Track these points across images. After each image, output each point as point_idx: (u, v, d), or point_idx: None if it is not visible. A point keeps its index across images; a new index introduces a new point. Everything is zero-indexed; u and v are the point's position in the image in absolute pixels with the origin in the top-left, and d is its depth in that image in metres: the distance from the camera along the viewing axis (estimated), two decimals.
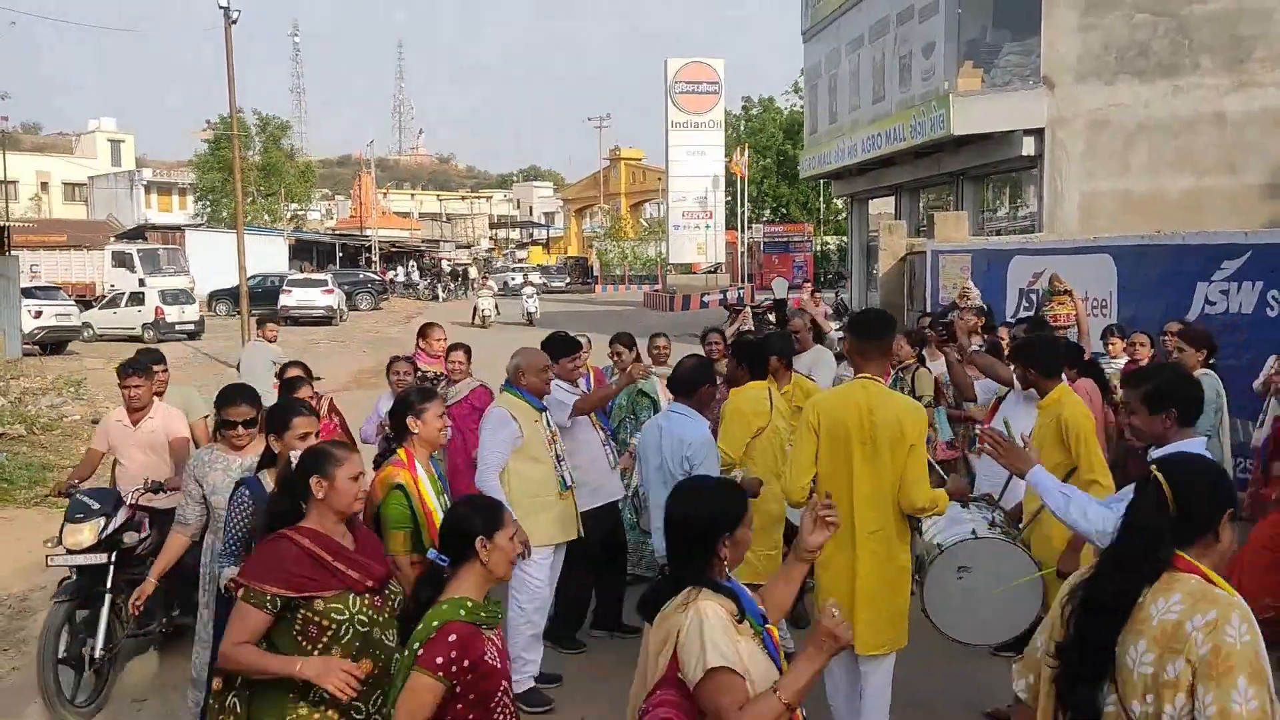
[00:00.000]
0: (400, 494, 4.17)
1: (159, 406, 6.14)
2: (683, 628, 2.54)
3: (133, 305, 26.28)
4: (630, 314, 36.16)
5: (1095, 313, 10.84)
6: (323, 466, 3.25)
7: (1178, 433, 3.47)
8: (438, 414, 4.48)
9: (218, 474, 4.54)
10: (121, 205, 54.52)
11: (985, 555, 4.37)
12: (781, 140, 55.66)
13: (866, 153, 24.06)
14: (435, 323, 8.81)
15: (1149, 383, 3.56)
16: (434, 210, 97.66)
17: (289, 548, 3.18)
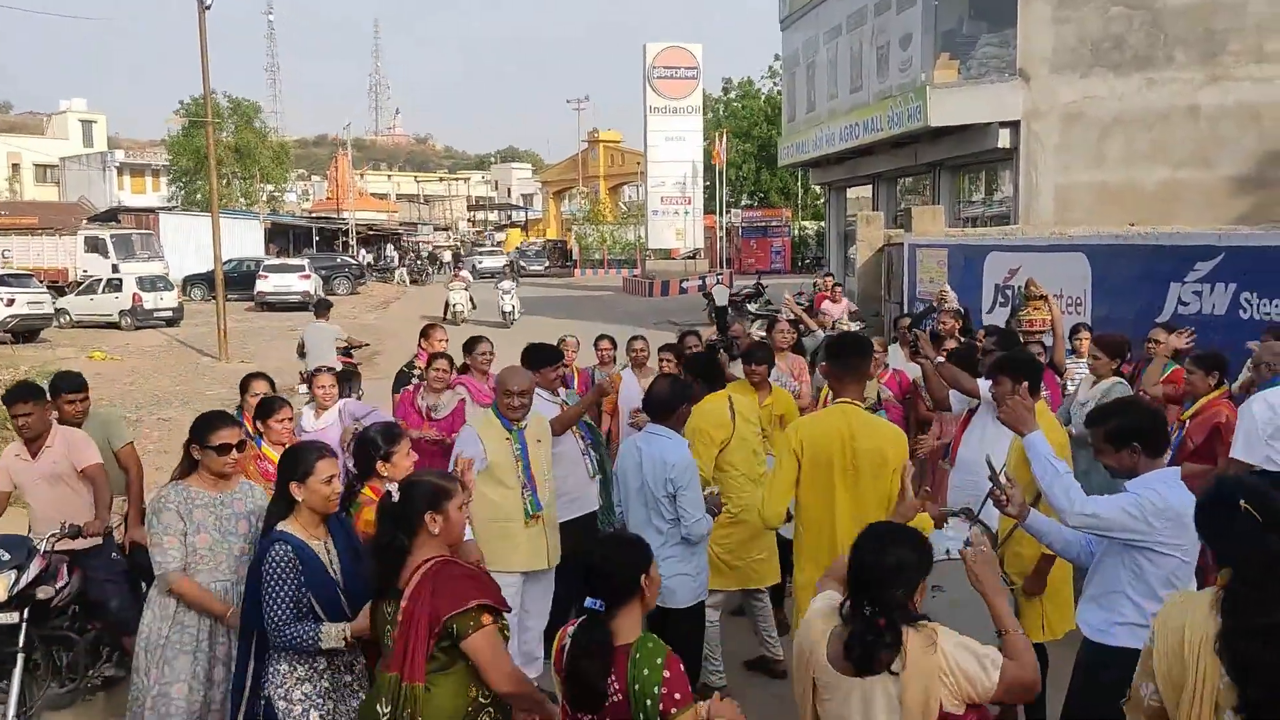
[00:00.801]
0: None
1: (59, 433, 5.47)
2: (944, 666, 2.70)
3: (110, 291, 25.93)
4: (610, 299, 36.12)
5: (1069, 311, 10.95)
6: (438, 501, 3.23)
7: (1147, 464, 3.56)
8: (405, 453, 4.39)
9: (202, 511, 4.15)
10: (94, 187, 53.83)
11: (959, 576, 4.42)
12: (763, 125, 55.63)
13: (844, 142, 24.11)
14: (438, 323, 8.77)
15: (1110, 421, 3.63)
16: (412, 192, 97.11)
17: (461, 568, 3.20)
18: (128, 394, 16.32)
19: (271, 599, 3.55)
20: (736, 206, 54.27)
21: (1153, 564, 3.48)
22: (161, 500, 4.16)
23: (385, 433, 4.47)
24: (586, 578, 2.95)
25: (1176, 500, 3.47)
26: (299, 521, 3.71)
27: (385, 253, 57.12)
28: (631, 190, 73.69)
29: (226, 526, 4.18)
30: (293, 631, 3.54)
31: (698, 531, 4.59)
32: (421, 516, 3.17)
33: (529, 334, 22.80)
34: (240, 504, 4.25)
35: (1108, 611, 3.57)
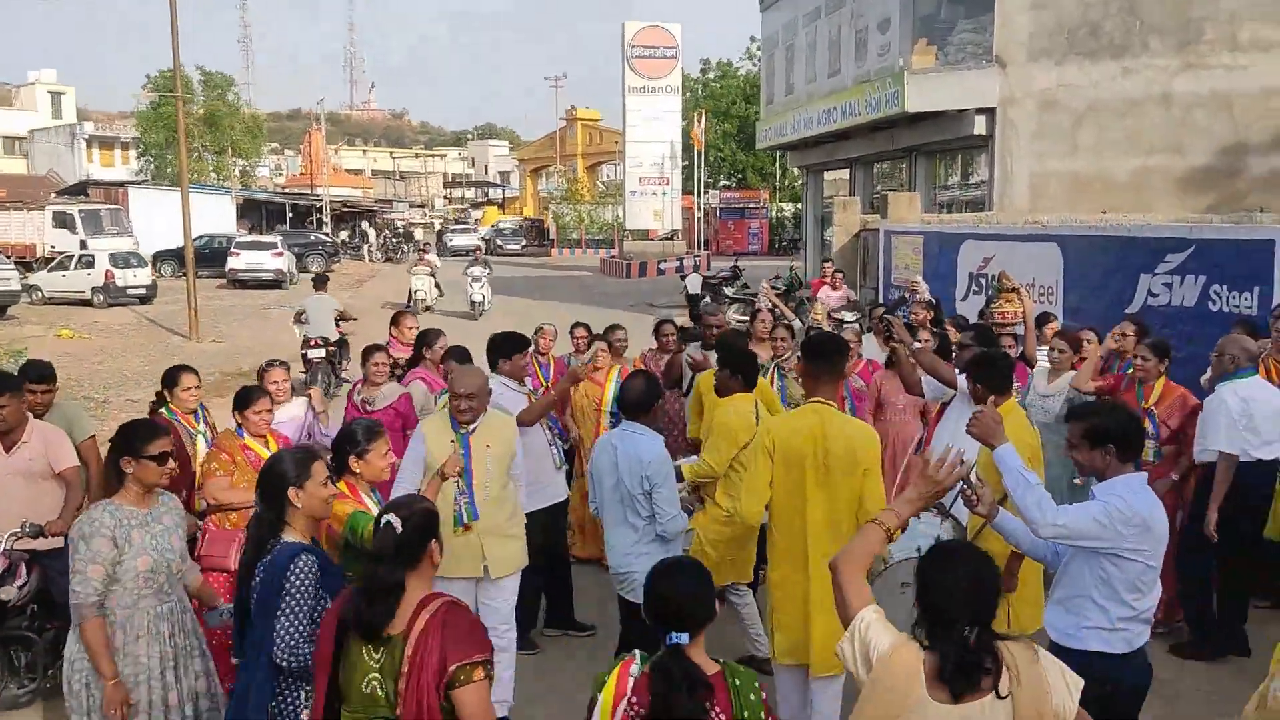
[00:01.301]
0: (365, 518, 4.07)
1: (35, 428, 5.24)
2: (1046, 674, 2.66)
3: (82, 268, 25.54)
4: (587, 280, 36.04)
5: (1041, 300, 11.02)
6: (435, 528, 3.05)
7: (1118, 468, 3.59)
8: (382, 453, 4.38)
9: (139, 531, 3.85)
10: (63, 160, 53.09)
11: None
12: (741, 105, 55.53)
13: (822, 126, 24.08)
14: (408, 310, 8.76)
15: (1090, 420, 3.66)
16: (387, 168, 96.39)
17: (466, 613, 2.99)
18: (96, 374, 16.15)
19: (293, 616, 3.29)
20: (714, 187, 54.23)
21: (1119, 569, 3.52)
22: (93, 524, 3.79)
23: (366, 429, 4.46)
24: (658, 613, 2.83)
25: (1142, 506, 3.51)
26: (297, 530, 3.51)
27: (360, 230, 56.66)
28: (610, 169, 73.42)
29: (161, 544, 3.91)
30: (306, 651, 3.27)
31: (673, 529, 4.60)
32: (426, 546, 2.97)
33: (503, 317, 22.58)
34: (168, 518, 4.01)
35: (1075, 616, 3.61)
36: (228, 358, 18.40)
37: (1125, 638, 3.59)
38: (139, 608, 3.83)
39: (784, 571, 4.33)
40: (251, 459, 5.25)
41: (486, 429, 5.02)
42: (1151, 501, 3.55)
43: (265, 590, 3.35)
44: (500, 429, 5.12)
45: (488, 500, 4.95)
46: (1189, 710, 5.34)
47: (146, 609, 3.85)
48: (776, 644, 4.39)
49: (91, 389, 14.73)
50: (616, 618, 5.13)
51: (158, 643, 3.85)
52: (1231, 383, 5.85)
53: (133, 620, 3.82)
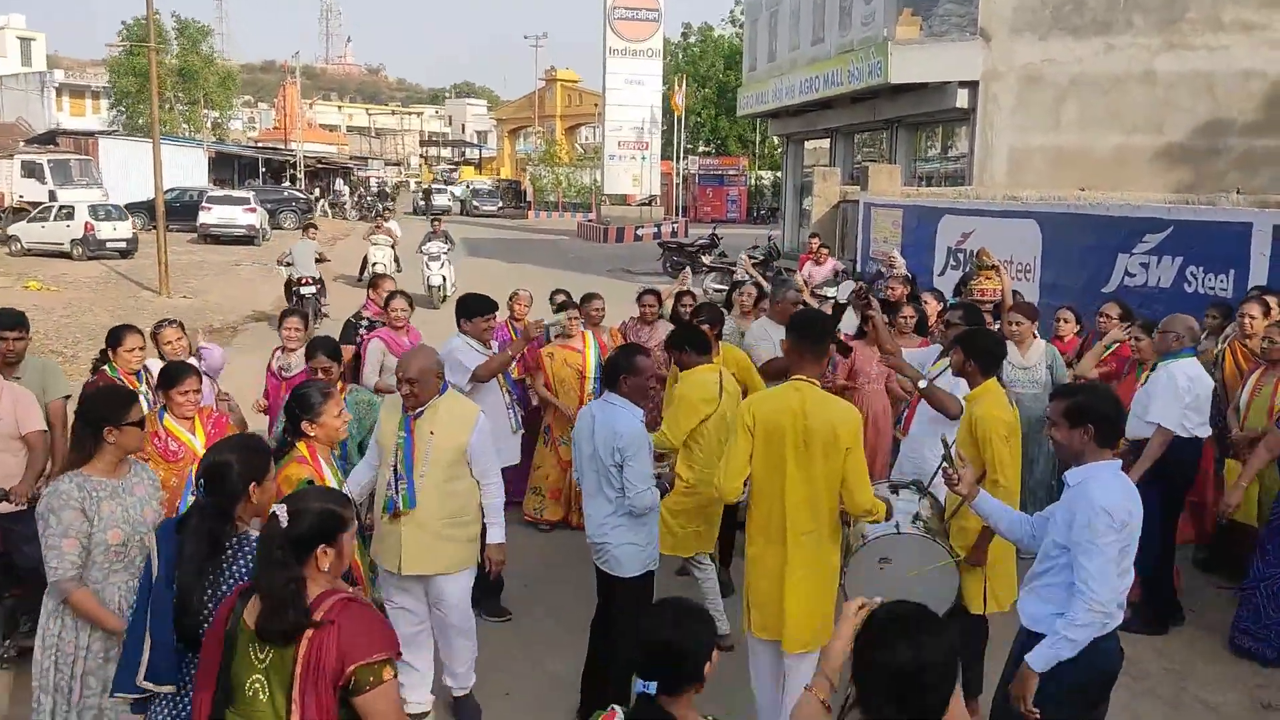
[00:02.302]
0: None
1: (5, 390, 4.97)
2: None
3: (62, 219, 24.95)
4: (564, 244, 35.83)
5: (1018, 278, 11.04)
6: (332, 533, 2.78)
7: (1095, 452, 3.56)
8: (335, 413, 4.27)
9: (109, 503, 3.69)
10: (32, 108, 51.98)
11: (907, 549, 4.51)
12: (722, 70, 55.16)
13: (804, 95, 23.97)
14: (387, 274, 8.64)
15: (1071, 398, 3.64)
16: (363, 124, 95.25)
17: (366, 607, 2.77)
18: (64, 327, 15.90)
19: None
20: (694, 154, 53.96)
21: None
22: (61, 497, 3.62)
23: (318, 390, 4.35)
24: (643, 653, 2.53)
25: (1124, 502, 3.49)
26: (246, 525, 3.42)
27: (334, 187, 56.01)
28: (588, 131, 72.87)
29: (134, 516, 3.75)
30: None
31: (640, 504, 4.55)
32: (313, 549, 2.71)
33: (478, 280, 22.46)
34: (141, 488, 3.84)
35: (1046, 603, 3.59)
36: (198, 314, 18.16)
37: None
38: (110, 582, 3.69)
39: (760, 547, 4.32)
40: (165, 449, 4.70)
41: (435, 416, 4.60)
42: (1128, 492, 3.54)
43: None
44: (454, 418, 4.67)
45: (423, 490, 4.57)
46: (1155, 686, 5.41)
47: (118, 584, 3.70)
48: (752, 619, 4.38)
49: (60, 343, 14.50)
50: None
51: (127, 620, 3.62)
52: (1177, 361, 5.91)
53: (103, 596, 3.67)
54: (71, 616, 3.67)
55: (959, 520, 4.66)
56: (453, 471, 4.63)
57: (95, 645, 3.69)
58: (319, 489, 2.99)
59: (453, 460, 4.62)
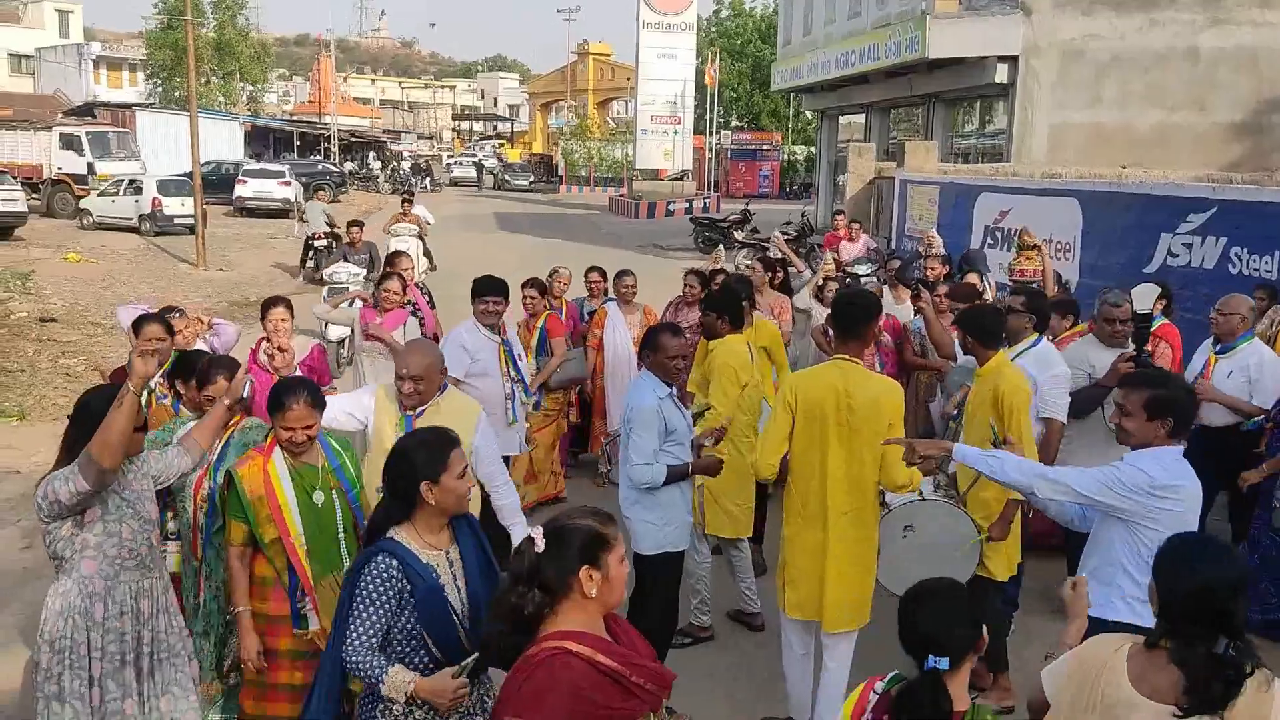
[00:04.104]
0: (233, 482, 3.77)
1: None
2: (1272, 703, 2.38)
3: (131, 194, 25.07)
4: (595, 219, 35.79)
5: (1058, 258, 10.92)
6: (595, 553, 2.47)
7: (1164, 443, 3.49)
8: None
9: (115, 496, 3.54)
10: (69, 79, 52.42)
11: (930, 517, 4.54)
12: (757, 44, 54.69)
13: (840, 69, 23.73)
14: (403, 252, 8.59)
15: (1154, 389, 3.51)
16: (396, 98, 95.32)
17: (583, 671, 2.32)
18: (103, 299, 16.11)
19: (357, 618, 2.93)
20: (726, 128, 53.60)
21: (1148, 539, 3.41)
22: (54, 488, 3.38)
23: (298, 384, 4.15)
24: (911, 639, 2.57)
25: (1166, 475, 3.43)
26: (417, 528, 3.03)
27: (367, 161, 56.17)
28: (620, 106, 72.53)
29: (139, 511, 3.59)
30: (362, 661, 2.92)
31: (637, 477, 4.48)
32: (575, 572, 2.41)
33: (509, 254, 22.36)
34: (136, 483, 3.63)
35: (1106, 586, 3.53)
36: (234, 286, 18.37)
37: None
38: (120, 580, 3.51)
39: (797, 527, 4.32)
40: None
41: (438, 415, 4.20)
42: (1181, 471, 3.46)
43: (346, 583, 3.05)
44: (457, 418, 4.21)
45: None
46: None
47: (128, 583, 3.53)
48: (787, 598, 4.39)
49: (99, 314, 14.70)
50: None
51: (138, 621, 3.55)
52: (1251, 343, 5.87)
53: (113, 594, 3.50)
54: (82, 616, 3.45)
55: (977, 491, 4.69)
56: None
57: (111, 647, 3.50)
58: (582, 508, 2.61)
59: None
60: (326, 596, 3.71)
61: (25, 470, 8.14)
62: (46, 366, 11.69)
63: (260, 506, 3.72)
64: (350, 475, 3.95)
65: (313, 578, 3.76)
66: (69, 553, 3.45)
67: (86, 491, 3.31)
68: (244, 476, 3.75)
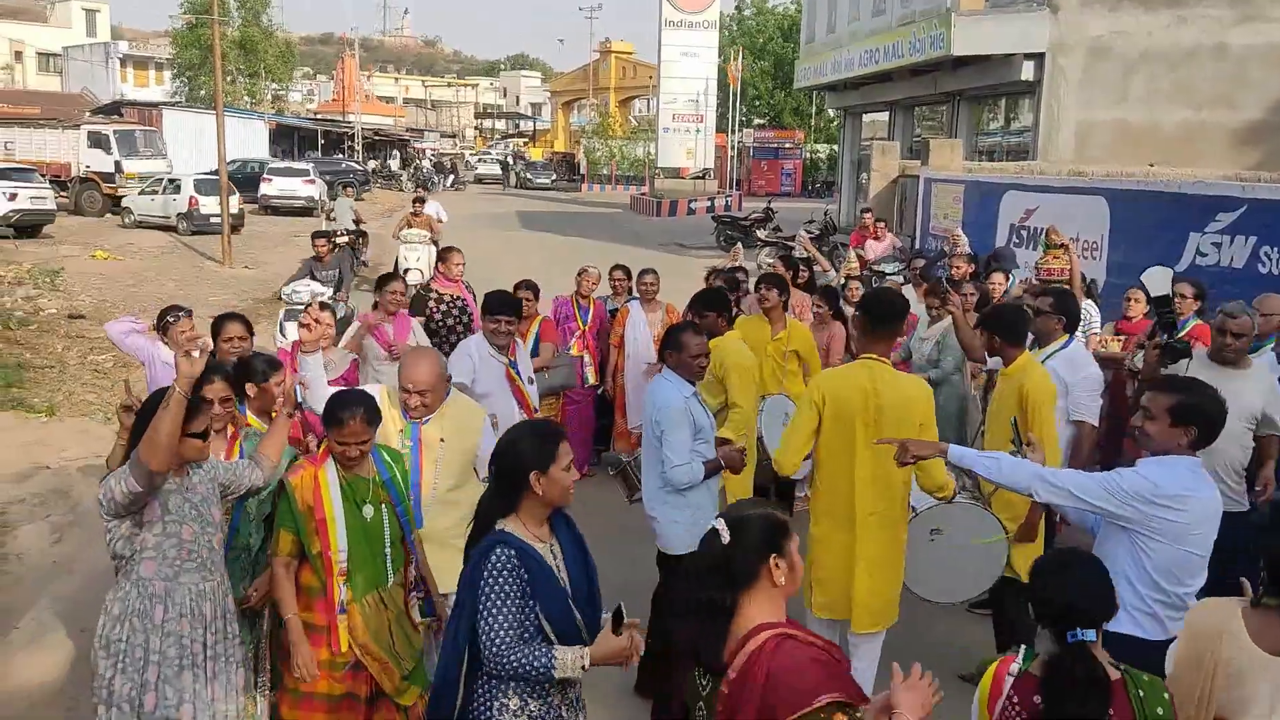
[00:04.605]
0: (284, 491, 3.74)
1: None
2: None
3: (170, 193, 25.21)
4: (617, 218, 35.82)
5: (1085, 257, 10.83)
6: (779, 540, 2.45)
7: (1183, 450, 3.37)
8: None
9: (176, 498, 3.49)
10: (96, 78, 52.89)
11: (958, 518, 4.52)
12: (780, 43, 54.54)
13: (863, 67, 23.62)
14: (455, 247, 8.44)
15: (1180, 395, 3.39)
16: (419, 96, 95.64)
17: (806, 646, 2.34)
18: (131, 296, 16.25)
19: (493, 617, 2.84)
20: (748, 126, 53.48)
21: (1150, 550, 3.33)
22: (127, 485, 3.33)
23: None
24: (1052, 611, 2.55)
25: (1176, 486, 3.30)
26: (522, 519, 3.00)
27: (390, 159, 56.41)
28: (642, 104, 72.55)
29: (203, 514, 3.54)
30: (520, 657, 2.83)
31: (676, 479, 4.47)
32: (764, 562, 2.39)
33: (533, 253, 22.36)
34: (202, 486, 3.58)
35: None
36: (260, 284, 18.47)
37: (1159, 622, 3.37)
38: (179, 582, 3.45)
39: (825, 528, 4.30)
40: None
41: (444, 421, 4.22)
42: (1193, 483, 3.32)
43: (462, 584, 2.98)
44: (463, 422, 4.32)
45: (434, 502, 4.21)
46: None
47: (188, 584, 3.47)
48: (814, 599, 4.38)
49: (126, 311, 14.81)
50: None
51: (200, 624, 3.49)
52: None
53: (173, 596, 3.44)
54: (140, 619, 3.41)
55: (1003, 493, 4.66)
56: (461, 479, 4.29)
57: (170, 651, 3.43)
58: (752, 500, 2.66)
59: (463, 467, 4.32)
60: (368, 613, 3.71)
61: (55, 466, 8.23)
62: (75, 363, 11.80)
63: (309, 518, 3.69)
64: (400, 489, 3.89)
65: (355, 593, 3.72)
66: (128, 552, 3.41)
67: (138, 492, 3.28)
68: (296, 486, 3.71)
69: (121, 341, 5.80)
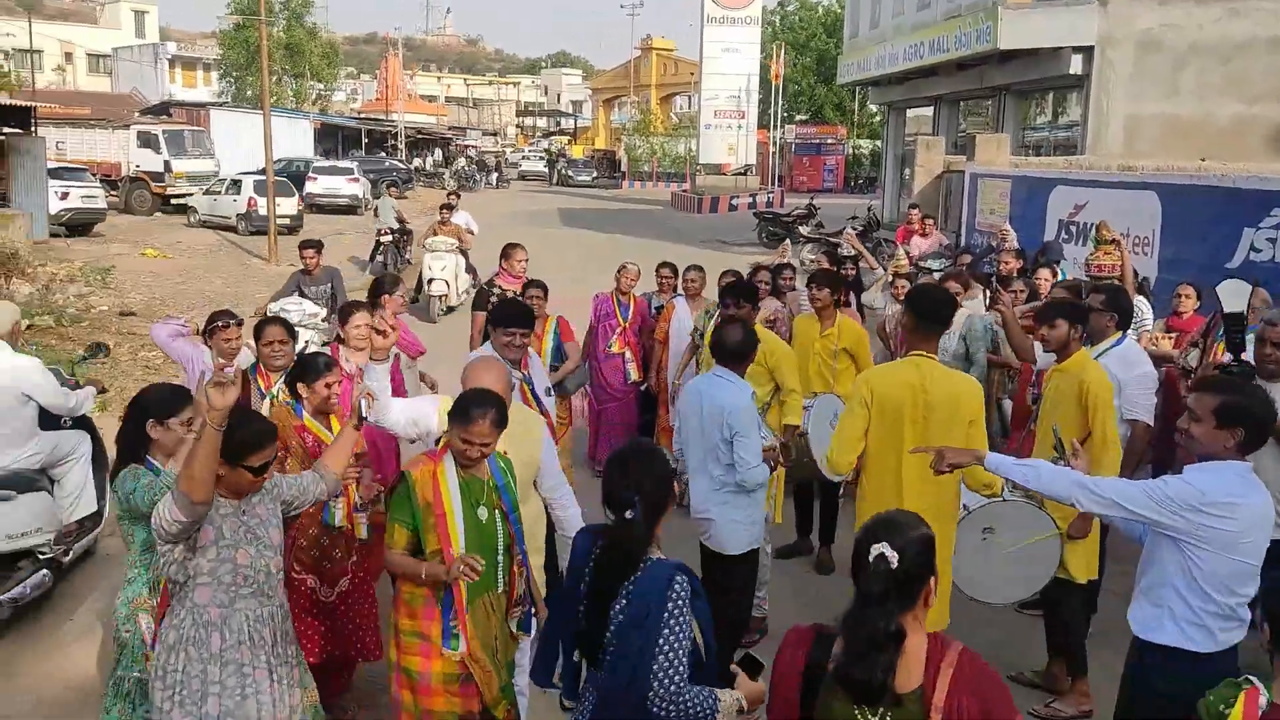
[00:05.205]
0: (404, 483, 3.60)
1: None
2: None
3: (231, 193, 25.46)
4: (658, 215, 35.78)
5: (1135, 253, 10.66)
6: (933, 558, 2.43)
7: (1231, 454, 3.25)
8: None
9: (231, 521, 3.34)
10: (145, 79, 53.80)
11: (1010, 518, 4.45)
12: (823, 38, 54.23)
13: (908, 62, 23.42)
14: (518, 244, 8.27)
15: (1227, 395, 3.26)
16: (461, 95, 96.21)
17: (983, 661, 2.39)
18: (180, 293, 16.50)
19: (675, 652, 2.64)
20: (790, 122, 53.23)
21: (1199, 559, 3.22)
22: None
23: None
24: None
25: (1223, 493, 3.17)
26: (660, 545, 2.90)
27: (433, 157, 56.81)
28: (683, 101, 72.43)
29: (259, 536, 3.38)
30: (692, 697, 2.64)
31: (752, 479, 4.50)
32: (926, 582, 2.35)
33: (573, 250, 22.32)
34: (262, 507, 3.43)
35: (1157, 607, 3.34)
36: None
37: (1209, 634, 3.26)
38: (235, 609, 3.31)
39: None
40: (309, 444, 4.39)
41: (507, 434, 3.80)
42: (1243, 488, 3.19)
43: (633, 621, 2.70)
44: (523, 431, 4.11)
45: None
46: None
47: (245, 610, 3.32)
48: None
49: (175, 309, 15.04)
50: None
51: (261, 650, 3.35)
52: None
53: (230, 623, 3.30)
54: (196, 648, 3.26)
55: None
56: (524, 493, 4.04)
57: (230, 681, 3.28)
58: (898, 513, 2.50)
59: (525, 481, 4.09)
60: (479, 617, 3.58)
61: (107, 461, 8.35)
62: (126, 359, 11.98)
63: (428, 513, 3.54)
64: (514, 496, 3.75)
65: (467, 597, 3.54)
66: (182, 578, 3.27)
67: (185, 522, 3.13)
68: (416, 481, 3.56)
69: (167, 346, 5.83)
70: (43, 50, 49.64)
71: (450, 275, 14.46)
